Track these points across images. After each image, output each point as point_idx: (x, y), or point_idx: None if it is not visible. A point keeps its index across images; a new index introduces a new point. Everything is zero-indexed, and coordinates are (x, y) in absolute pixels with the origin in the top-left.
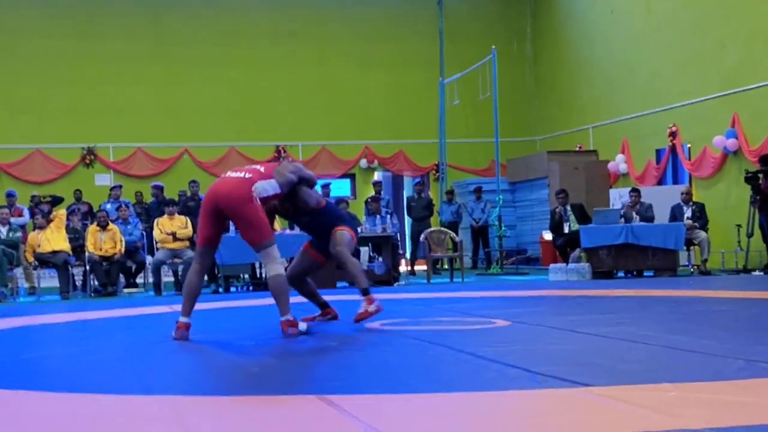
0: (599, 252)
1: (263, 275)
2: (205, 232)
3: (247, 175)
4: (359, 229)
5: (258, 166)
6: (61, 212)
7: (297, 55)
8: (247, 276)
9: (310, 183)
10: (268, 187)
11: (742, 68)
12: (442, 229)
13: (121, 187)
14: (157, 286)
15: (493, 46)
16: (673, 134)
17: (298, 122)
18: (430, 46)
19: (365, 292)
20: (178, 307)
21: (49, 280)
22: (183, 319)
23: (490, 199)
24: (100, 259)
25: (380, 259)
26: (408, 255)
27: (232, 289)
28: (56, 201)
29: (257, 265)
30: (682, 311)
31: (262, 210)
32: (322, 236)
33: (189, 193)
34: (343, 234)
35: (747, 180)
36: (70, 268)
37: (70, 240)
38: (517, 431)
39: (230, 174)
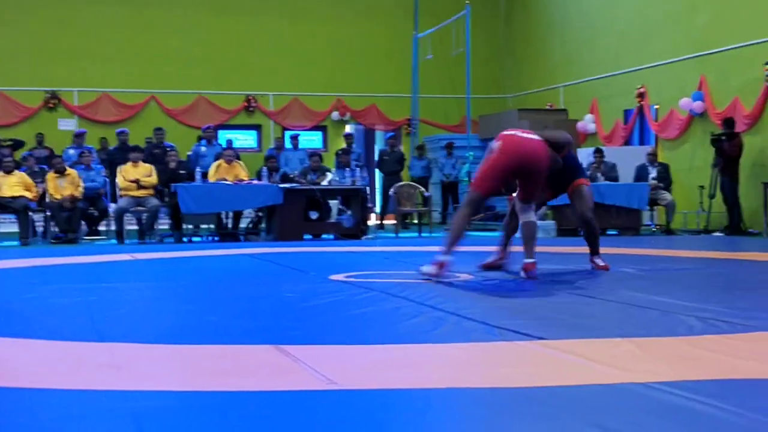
0: (565, 210)
1: (229, 225)
2: (494, 186)
3: (535, 137)
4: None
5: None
6: (20, 174)
7: (270, 2)
8: (212, 225)
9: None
10: None
11: (711, 31)
12: (412, 183)
13: (85, 133)
14: (120, 234)
15: (468, 2)
16: (641, 95)
17: (269, 72)
18: None
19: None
20: (140, 256)
21: (9, 225)
22: (444, 258)
23: (461, 155)
24: (59, 205)
25: (349, 212)
26: (378, 209)
27: (196, 239)
28: (17, 144)
29: (223, 215)
30: (642, 269)
31: None
32: (563, 180)
33: (155, 141)
34: (589, 190)
35: (713, 143)
36: (30, 214)
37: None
38: (471, 382)
39: (523, 135)
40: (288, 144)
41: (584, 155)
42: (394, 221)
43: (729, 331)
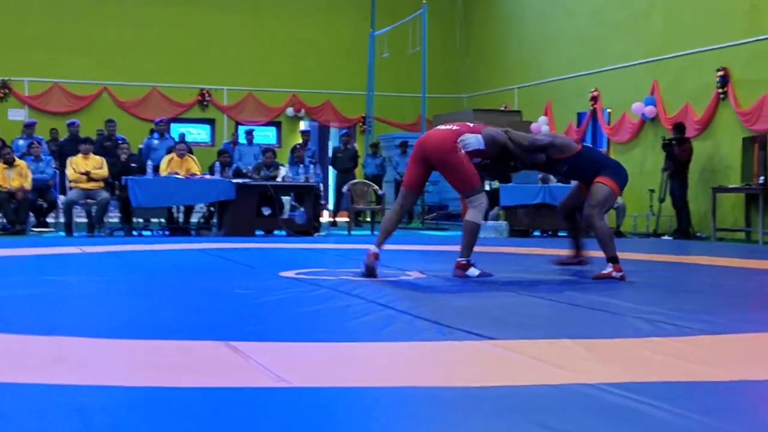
0: (517, 211)
1: (180, 220)
2: (411, 178)
3: (454, 128)
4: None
5: (468, 124)
6: None
7: None
8: (162, 220)
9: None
10: (473, 141)
11: (664, 37)
12: (366, 181)
13: (35, 124)
14: (69, 227)
15: (425, 1)
16: (594, 99)
17: (225, 66)
18: None
19: (612, 260)
20: (89, 249)
21: None
22: (374, 249)
23: None
24: (7, 196)
25: (302, 208)
26: (331, 206)
27: (146, 233)
28: None
29: (174, 209)
30: (591, 271)
31: (467, 160)
32: (587, 182)
33: (106, 133)
34: (601, 189)
35: (664, 147)
36: None
37: None
38: (421, 381)
39: (440, 127)
40: (242, 139)
41: None
42: (347, 219)
43: (676, 334)
